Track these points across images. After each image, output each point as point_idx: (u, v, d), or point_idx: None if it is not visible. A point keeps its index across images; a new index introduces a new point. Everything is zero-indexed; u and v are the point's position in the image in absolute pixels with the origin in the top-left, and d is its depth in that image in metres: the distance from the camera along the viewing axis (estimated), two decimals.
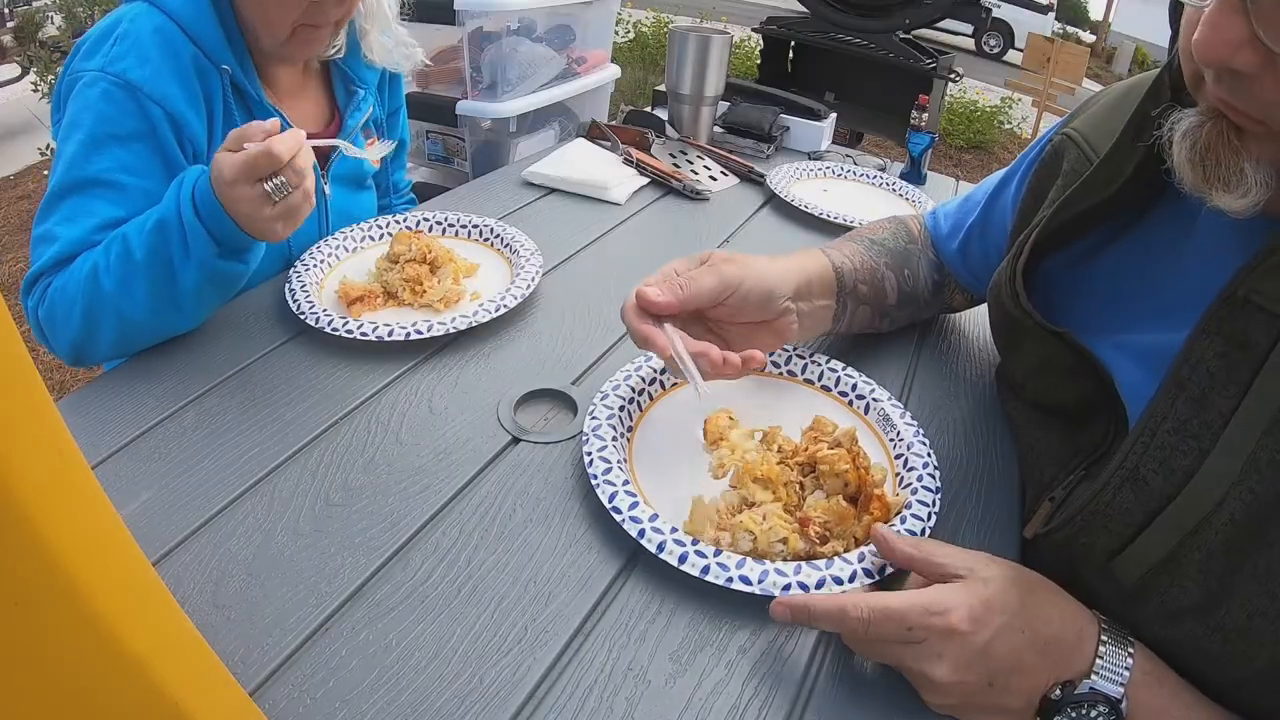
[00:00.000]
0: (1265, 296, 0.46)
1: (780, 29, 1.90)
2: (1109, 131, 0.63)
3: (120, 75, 0.78)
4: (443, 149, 2.07)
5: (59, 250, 0.76)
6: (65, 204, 0.78)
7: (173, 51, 0.81)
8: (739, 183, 1.32)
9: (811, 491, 0.61)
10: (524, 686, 0.48)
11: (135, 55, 0.79)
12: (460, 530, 0.58)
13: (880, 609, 0.48)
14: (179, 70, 0.81)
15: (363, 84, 1.04)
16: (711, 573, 0.54)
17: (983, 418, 0.76)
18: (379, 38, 1.01)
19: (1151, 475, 0.50)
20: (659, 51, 6.16)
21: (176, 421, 0.67)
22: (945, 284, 0.87)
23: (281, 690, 0.47)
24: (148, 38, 0.80)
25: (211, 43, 0.84)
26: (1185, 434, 0.48)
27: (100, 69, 0.79)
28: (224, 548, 0.55)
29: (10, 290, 2.80)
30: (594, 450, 0.63)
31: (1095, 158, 0.64)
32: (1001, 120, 6.05)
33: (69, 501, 0.26)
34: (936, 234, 0.87)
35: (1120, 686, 0.46)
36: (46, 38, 4.92)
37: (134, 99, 0.79)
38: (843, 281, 0.76)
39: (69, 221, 0.77)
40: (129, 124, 0.79)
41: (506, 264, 0.95)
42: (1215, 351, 0.48)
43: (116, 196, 0.78)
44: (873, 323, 0.83)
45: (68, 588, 0.25)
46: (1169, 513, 0.48)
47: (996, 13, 11.48)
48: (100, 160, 0.78)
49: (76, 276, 0.74)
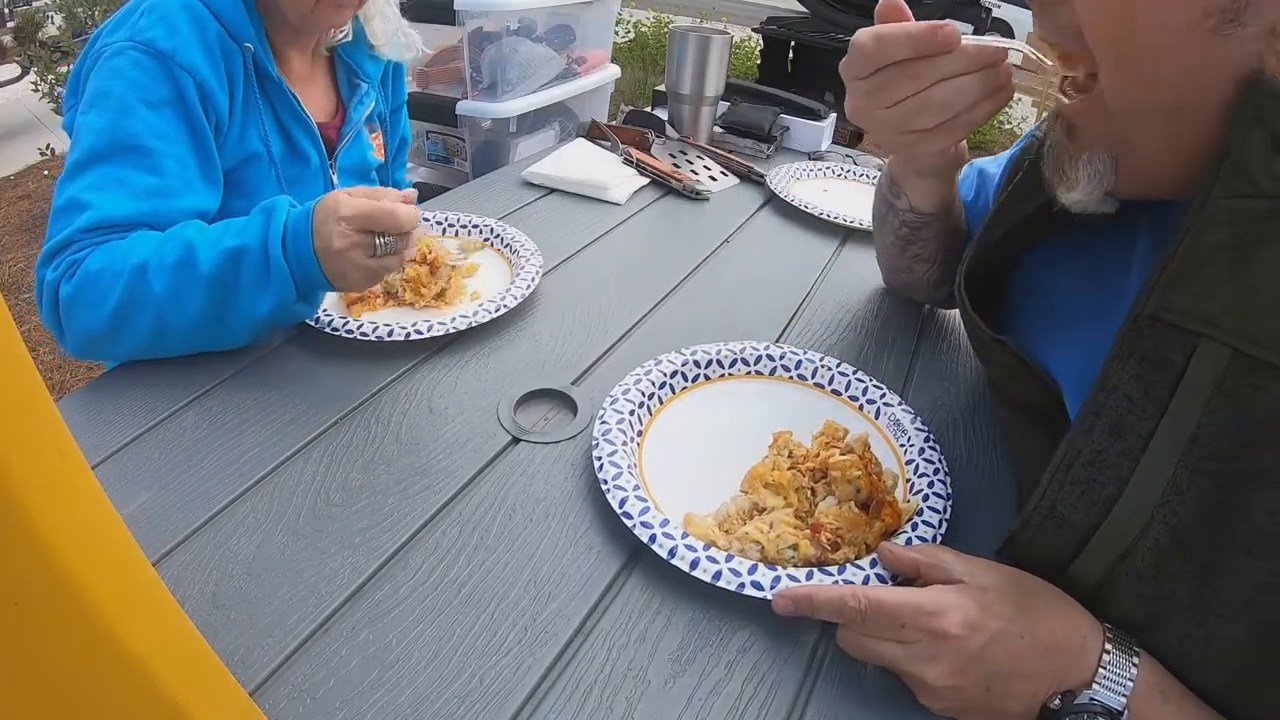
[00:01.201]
0: (1174, 312, 0.43)
1: (780, 29, 1.90)
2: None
3: (149, 44, 0.79)
4: (443, 149, 2.07)
5: (93, 218, 0.73)
6: (94, 170, 0.76)
7: (199, 26, 0.82)
8: (739, 183, 1.32)
9: (823, 497, 0.61)
10: (524, 686, 0.48)
11: (164, 26, 0.80)
12: (460, 530, 0.58)
13: (877, 602, 0.48)
14: (205, 44, 0.82)
15: (366, 77, 1.05)
16: (724, 579, 0.53)
17: (983, 418, 0.76)
18: (381, 25, 1.03)
19: (1070, 511, 0.48)
20: (659, 51, 6.16)
21: (176, 421, 0.67)
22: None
23: (281, 690, 0.47)
24: (176, 11, 0.81)
25: (236, 21, 0.85)
26: (1103, 465, 0.46)
27: (129, 38, 0.79)
28: (224, 548, 0.55)
29: (10, 290, 2.80)
30: (604, 455, 0.62)
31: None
32: (1001, 121, 6.04)
33: (69, 501, 0.26)
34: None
35: (1122, 697, 0.45)
36: (46, 38, 4.93)
37: (164, 66, 0.79)
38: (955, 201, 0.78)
39: (99, 189, 0.74)
40: (159, 90, 0.79)
41: (506, 264, 0.95)
42: (1130, 375, 0.45)
43: (148, 163, 0.77)
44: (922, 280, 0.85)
45: (68, 588, 0.25)
46: (1093, 545, 0.48)
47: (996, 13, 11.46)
48: (131, 124, 0.77)
49: (120, 266, 0.70)
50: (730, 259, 1.05)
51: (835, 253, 1.08)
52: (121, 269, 0.70)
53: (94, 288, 0.71)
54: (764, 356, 0.77)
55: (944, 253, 0.82)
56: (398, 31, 1.06)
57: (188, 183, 0.80)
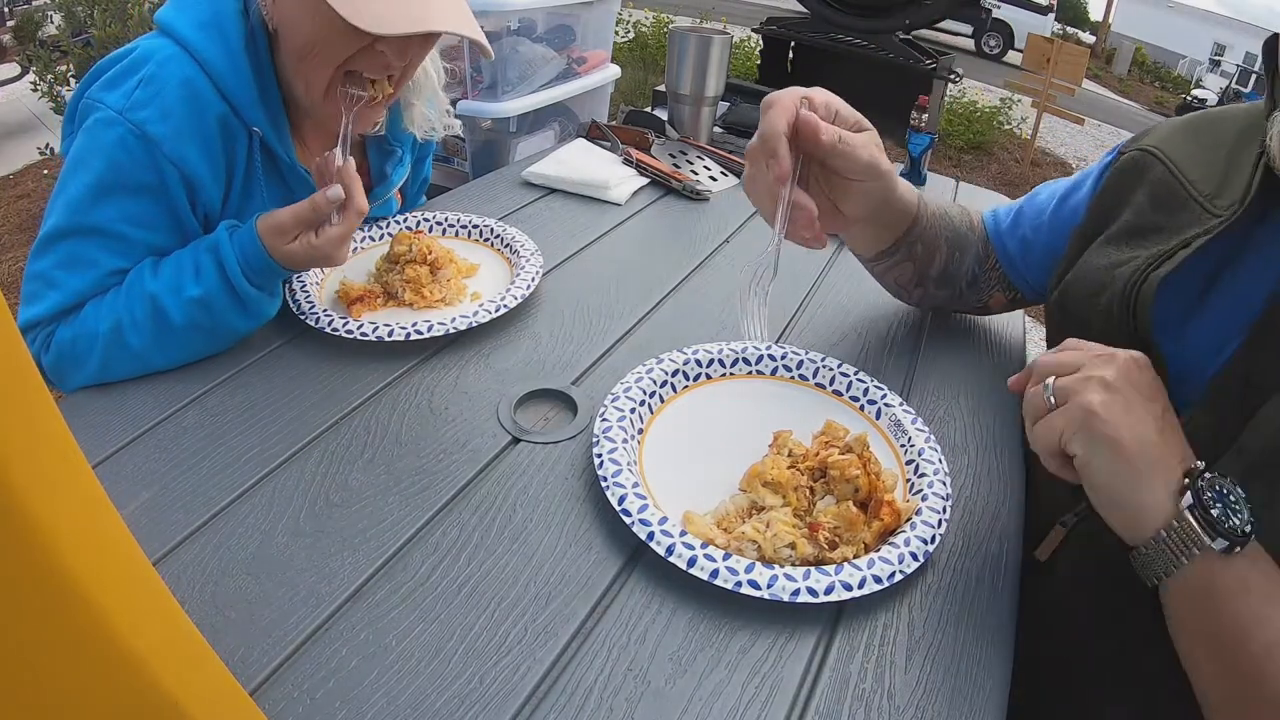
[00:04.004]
0: None
1: (780, 29, 1.90)
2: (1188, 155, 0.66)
3: (139, 125, 0.73)
4: (442, 149, 2.07)
5: (62, 299, 0.73)
6: (64, 247, 0.74)
7: (198, 108, 0.76)
8: (739, 183, 1.32)
9: (822, 496, 0.61)
10: (524, 687, 0.48)
11: (158, 106, 0.74)
12: (460, 530, 0.58)
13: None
14: (202, 130, 0.76)
15: (399, 143, 0.99)
16: (721, 577, 0.54)
17: (983, 418, 0.76)
18: (423, 109, 0.96)
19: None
20: (659, 51, 6.16)
21: (176, 421, 0.67)
22: (984, 279, 0.87)
23: (281, 690, 0.47)
24: (174, 89, 0.75)
25: (243, 100, 0.78)
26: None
27: (120, 111, 0.73)
28: (224, 548, 0.55)
29: (10, 289, 2.80)
30: (604, 452, 0.62)
31: (1179, 174, 0.66)
32: (1001, 121, 6.05)
33: (69, 501, 0.26)
34: (995, 229, 0.87)
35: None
36: (46, 37, 4.92)
37: (149, 153, 0.74)
38: (914, 226, 0.78)
39: (68, 268, 0.74)
40: (140, 176, 0.74)
41: (507, 264, 0.95)
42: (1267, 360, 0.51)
43: (119, 247, 0.75)
44: (908, 286, 0.84)
45: (68, 588, 0.25)
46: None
47: (996, 13, 11.49)
48: (106, 209, 0.74)
49: (93, 329, 0.72)
50: (730, 259, 1.05)
51: (835, 253, 1.08)
52: (96, 332, 0.72)
53: (71, 355, 0.73)
54: (765, 356, 0.77)
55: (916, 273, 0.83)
56: (440, 115, 1.00)
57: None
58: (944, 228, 0.83)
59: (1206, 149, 0.67)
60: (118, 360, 0.72)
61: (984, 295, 0.88)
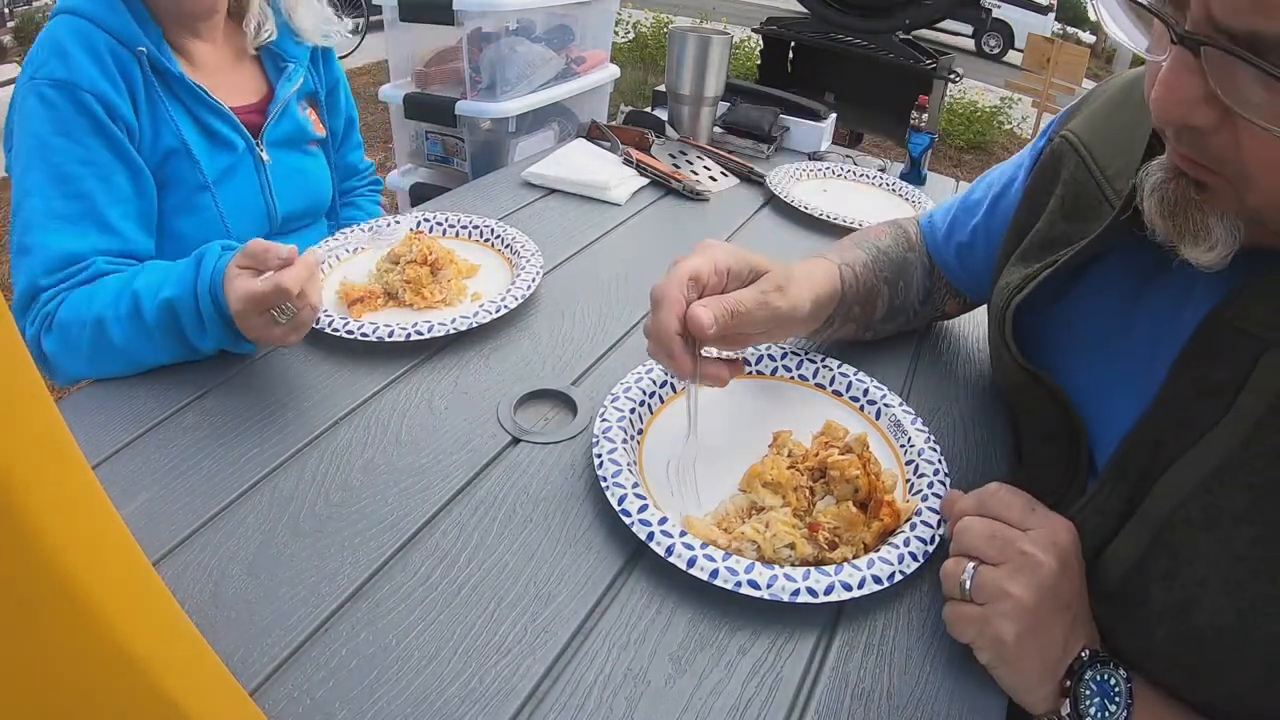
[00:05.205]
0: (1250, 321, 0.47)
1: (780, 29, 1.90)
2: (1108, 138, 0.62)
3: (48, 77, 0.82)
4: (442, 149, 2.07)
5: (39, 261, 0.79)
6: (25, 210, 0.81)
7: (89, 44, 0.84)
8: (739, 183, 1.32)
9: (821, 497, 0.61)
10: (524, 686, 0.48)
11: (56, 55, 0.83)
12: (460, 530, 0.58)
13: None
14: (97, 59, 0.84)
15: (292, 58, 1.06)
16: (720, 577, 0.53)
17: (983, 418, 0.76)
18: (306, 14, 1.06)
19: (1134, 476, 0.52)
20: (659, 51, 6.16)
21: (176, 421, 0.67)
22: (936, 291, 0.85)
23: (281, 690, 0.47)
24: (64, 37, 0.83)
25: (122, 27, 0.86)
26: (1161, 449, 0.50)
27: (30, 78, 0.82)
28: (224, 548, 0.55)
29: (10, 289, 2.79)
30: (604, 453, 0.62)
31: (1095, 169, 0.61)
32: (1001, 121, 6.05)
33: (69, 501, 0.26)
34: (932, 238, 0.85)
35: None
36: None
37: (68, 95, 0.82)
38: (843, 300, 0.75)
39: (34, 229, 0.80)
40: (69, 119, 0.82)
41: (507, 264, 0.95)
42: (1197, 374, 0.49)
43: (70, 189, 0.81)
44: (856, 336, 0.83)
45: (68, 588, 0.25)
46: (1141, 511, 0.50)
47: (996, 13, 11.47)
48: (49, 157, 0.81)
49: (84, 317, 0.75)
50: None
51: None
52: (85, 320, 0.75)
53: (66, 338, 0.77)
54: (765, 356, 0.77)
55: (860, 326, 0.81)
56: (323, 21, 1.08)
57: (114, 198, 0.85)
58: (880, 271, 0.79)
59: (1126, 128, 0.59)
60: (104, 353, 0.73)
61: (940, 305, 0.87)
